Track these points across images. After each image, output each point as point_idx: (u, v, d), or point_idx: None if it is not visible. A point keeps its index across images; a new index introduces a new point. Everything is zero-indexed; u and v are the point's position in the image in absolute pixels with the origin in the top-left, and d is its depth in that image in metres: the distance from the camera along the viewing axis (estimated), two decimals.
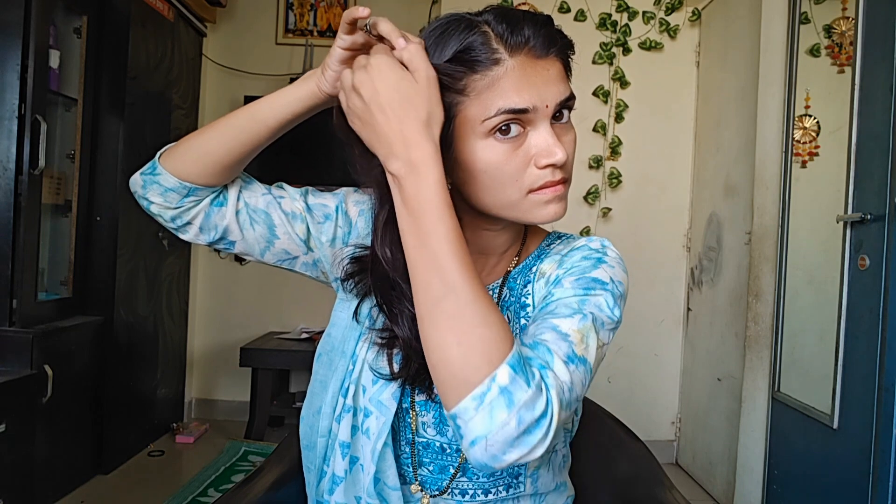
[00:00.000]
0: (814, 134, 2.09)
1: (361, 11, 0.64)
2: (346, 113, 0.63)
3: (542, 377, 0.56)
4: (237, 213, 0.78)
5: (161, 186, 0.75)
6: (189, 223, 0.78)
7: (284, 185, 0.82)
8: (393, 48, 0.63)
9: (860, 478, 1.62)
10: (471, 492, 0.77)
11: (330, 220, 0.80)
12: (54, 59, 2.16)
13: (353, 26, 0.66)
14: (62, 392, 2.12)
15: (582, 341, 0.61)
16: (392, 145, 0.60)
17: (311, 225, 0.80)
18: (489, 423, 0.53)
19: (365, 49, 0.68)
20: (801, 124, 2.10)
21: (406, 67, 0.61)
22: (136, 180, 0.77)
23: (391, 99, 0.59)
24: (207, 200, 0.77)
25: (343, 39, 0.67)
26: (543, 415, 0.54)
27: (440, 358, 0.57)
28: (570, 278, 0.68)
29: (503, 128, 0.65)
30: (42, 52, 2.03)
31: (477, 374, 0.54)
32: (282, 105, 0.73)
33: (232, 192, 0.79)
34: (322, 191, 0.84)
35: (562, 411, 0.56)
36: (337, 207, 0.81)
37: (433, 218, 0.58)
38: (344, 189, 0.83)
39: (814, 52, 2.09)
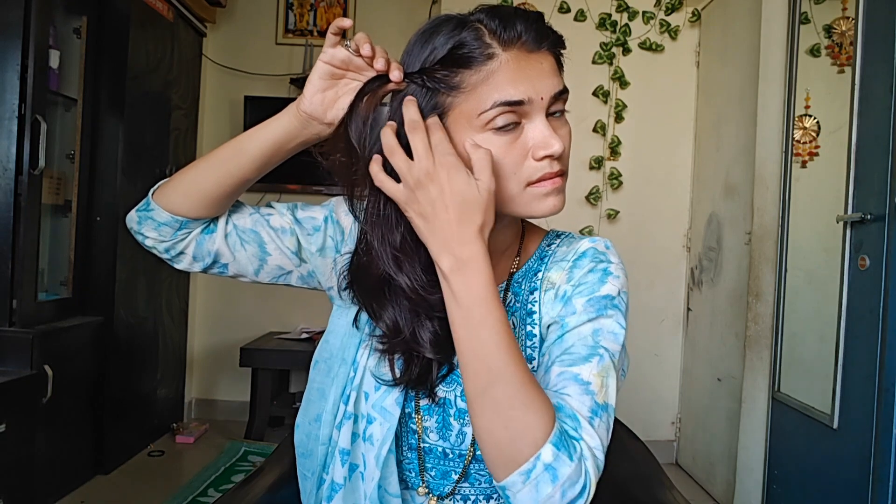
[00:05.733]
0: (814, 134, 2.09)
1: (346, 22, 0.67)
2: (406, 200, 0.65)
3: (581, 450, 0.60)
4: (226, 235, 0.79)
5: (155, 221, 0.77)
6: (182, 253, 0.79)
7: (273, 203, 0.84)
8: (383, 69, 0.67)
9: (860, 478, 1.62)
10: (473, 497, 0.76)
11: (319, 231, 0.80)
12: (54, 59, 2.16)
13: (339, 37, 0.68)
14: (62, 392, 2.12)
15: (602, 385, 0.65)
16: (446, 241, 0.63)
17: (301, 237, 0.80)
18: (535, 496, 0.58)
19: (345, 66, 0.69)
20: (801, 124, 2.10)
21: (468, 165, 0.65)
22: (132, 217, 0.79)
23: (455, 201, 0.63)
24: (198, 230, 0.79)
25: (326, 53, 0.69)
26: (584, 488, 0.59)
27: (487, 439, 0.61)
28: (581, 299, 0.70)
29: (500, 121, 0.65)
30: (42, 52, 2.03)
31: (522, 455, 0.59)
32: (262, 133, 0.74)
33: (221, 218, 0.80)
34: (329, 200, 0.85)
35: (597, 477, 0.61)
36: (326, 218, 0.81)
37: (482, 311, 0.62)
38: (335, 199, 0.84)
39: (814, 52, 2.09)
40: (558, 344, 0.68)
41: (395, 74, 0.67)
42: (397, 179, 0.65)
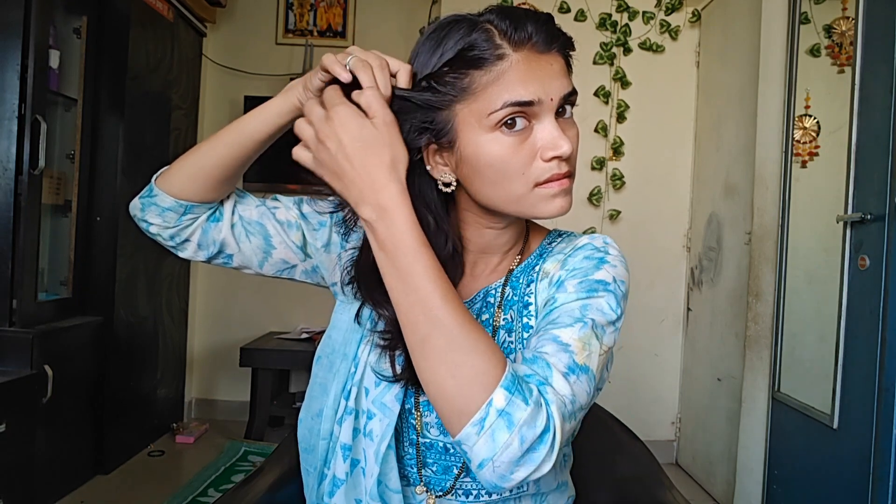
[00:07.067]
0: (814, 134, 2.09)
1: (345, 78, 0.65)
2: (315, 165, 0.65)
3: (540, 393, 0.58)
4: (232, 226, 0.80)
5: (159, 207, 0.78)
6: (187, 240, 0.80)
7: (279, 197, 0.84)
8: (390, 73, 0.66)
9: (860, 478, 1.62)
10: (475, 492, 0.77)
11: (324, 227, 0.81)
12: (54, 59, 2.16)
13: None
14: (62, 392, 2.12)
15: (583, 349, 0.63)
16: (361, 191, 0.62)
17: (307, 232, 0.81)
18: (492, 446, 0.55)
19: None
20: (801, 124, 2.10)
21: (365, 113, 0.63)
22: (135, 204, 0.80)
23: (355, 147, 0.61)
24: (204, 217, 0.80)
25: (324, 74, 0.68)
26: (546, 430, 0.56)
27: (436, 391, 0.59)
28: (573, 281, 0.69)
29: (509, 121, 0.65)
30: (42, 52, 2.02)
31: (474, 402, 0.56)
32: (266, 118, 0.74)
33: (227, 207, 0.81)
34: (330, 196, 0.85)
35: (564, 424, 0.58)
36: (331, 214, 0.81)
37: (409, 256, 0.60)
38: None
39: (814, 52, 2.09)
40: (545, 318, 0.67)
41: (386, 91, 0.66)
42: None
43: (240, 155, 0.76)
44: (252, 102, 3.13)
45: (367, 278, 0.72)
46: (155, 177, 0.79)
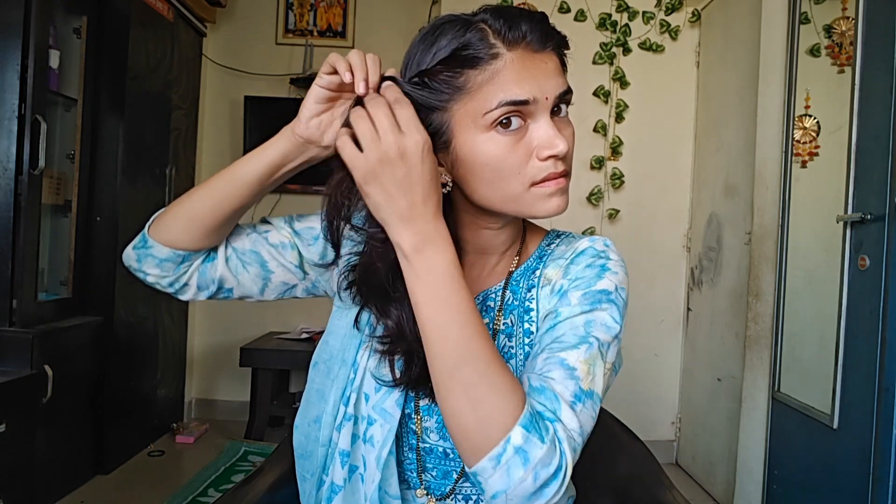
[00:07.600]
0: (814, 134, 2.09)
1: (342, 67, 0.66)
2: (365, 175, 0.62)
3: (554, 431, 0.59)
4: (227, 259, 0.80)
5: (155, 258, 0.77)
6: (186, 285, 0.80)
7: (269, 219, 0.83)
8: (362, 93, 0.66)
9: (860, 478, 1.62)
10: (474, 497, 0.76)
11: (319, 240, 0.81)
12: (54, 59, 2.16)
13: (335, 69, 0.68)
14: (62, 392, 2.12)
15: (589, 372, 0.64)
16: (412, 220, 0.62)
17: (302, 249, 0.81)
18: (507, 481, 0.57)
19: (343, 89, 0.69)
20: (801, 124, 2.10)
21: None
22: (129, 255, 0.79)
23: (426, 180, 0.62)
24: (199, 260, 0.79)
25: (323, 79, 0.69)
26: (558, 468, 0.58)
27: (457, 423, 0.60)
28: (577, 293, 0.70)
29: (504, 121, 0.65)
30: (42, 52, 2.02)
31: (492, 439, 0.57)
32: (258, 158, 0.74)
33: (220, 244, 0.80)
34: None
35: (574, 459, 0.59)
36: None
37: (448, 290, 0.61)
38: None
39: (814, 52, 2.09)
40: (549, 333, 0.68)
41: (361, 87, 0.65)
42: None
43: (234, 199, 0.75)
44: (252, 102, 3.14)
45: (368, 283, 0.72)
46: (147, 225, 0.78)
